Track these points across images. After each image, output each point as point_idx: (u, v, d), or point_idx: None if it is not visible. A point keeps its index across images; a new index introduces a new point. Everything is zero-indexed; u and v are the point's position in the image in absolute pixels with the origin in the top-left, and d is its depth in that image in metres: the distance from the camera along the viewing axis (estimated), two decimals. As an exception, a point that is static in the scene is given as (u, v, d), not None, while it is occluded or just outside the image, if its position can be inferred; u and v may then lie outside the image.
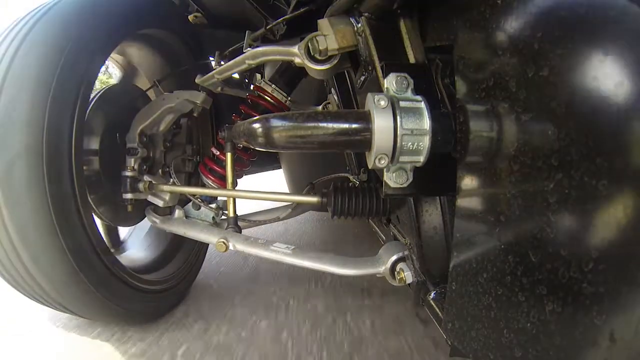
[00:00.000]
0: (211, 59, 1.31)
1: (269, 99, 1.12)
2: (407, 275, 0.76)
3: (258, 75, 1.28)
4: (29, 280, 0.82)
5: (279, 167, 2.12)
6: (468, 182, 0.50)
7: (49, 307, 0.94)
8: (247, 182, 1.49)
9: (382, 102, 0.50)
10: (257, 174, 2.02)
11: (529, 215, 0.38)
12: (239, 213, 1.13)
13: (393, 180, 0.56)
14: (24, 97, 0.74)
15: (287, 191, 2.02)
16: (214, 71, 1.14)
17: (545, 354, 0.37)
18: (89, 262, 0.85)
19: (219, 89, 1.23)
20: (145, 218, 1.22)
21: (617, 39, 0.29)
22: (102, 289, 0.89)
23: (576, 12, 0.32)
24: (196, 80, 1.21)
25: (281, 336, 1.04)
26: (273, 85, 1.12)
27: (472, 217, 0.49)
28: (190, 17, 1.43)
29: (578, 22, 0.32)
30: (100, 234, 0.91)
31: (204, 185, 1.22)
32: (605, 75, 0.29)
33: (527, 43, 0.37)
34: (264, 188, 1.09)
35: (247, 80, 1.30)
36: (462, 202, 0.51)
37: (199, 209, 1.19)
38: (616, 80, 0.29)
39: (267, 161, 2.02)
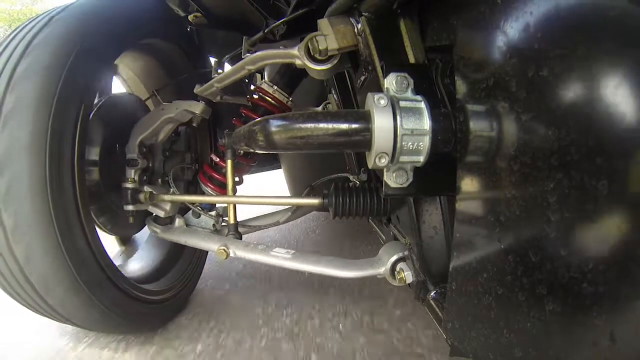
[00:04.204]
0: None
1: (270, 100, 1.11)
2: (407, 275, 0.76)
3: (258, 76, 1.28)
4: (30, 291, 0.81)
5: (279, 167, 2.12)
6: (468, 182, 0.50)
7: (49, 318, 0.92)
8: (247, 183, 1.47)
9: (382, 102, 0.50)
10: (256, 176, 2.02)
11: (529, 215, 0.38)
12: (239, 218, 1.11)
13: (393, 180, 0.56)
14: (27, 105, 0.74)
15: (286, 192, 2.02)
16: (212, 80, 1.12)
17: (545, 354, 0.37)
18: (91, 272, 0.84)
19: (218, 97, 1.21)
20: (145, 227, 1.21)
21: (617, 38, 0.29)
22: (104, 299, 0.88)
23: (576, 12, 0.32)
24: (195, 91, 1.18)
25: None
26: (274, 87, 1.11)
27: (472, 217, 0.49)
28: (190, 17, 1.43)
29: (578, 22, 0.32)
30: (102, 245, 0.90)
31: (203, 193, 1.21)
32: (605, 75, 0.29)
33: (527, 43, 0.37)
34: (263, 191, 1.08)
35: (247, 81, 1.29)
36: (462, 202, 0.51)
37: (199, 217, 1.19)
38: (616, 80, 0.29)
39: (266, 161, 2.02)
